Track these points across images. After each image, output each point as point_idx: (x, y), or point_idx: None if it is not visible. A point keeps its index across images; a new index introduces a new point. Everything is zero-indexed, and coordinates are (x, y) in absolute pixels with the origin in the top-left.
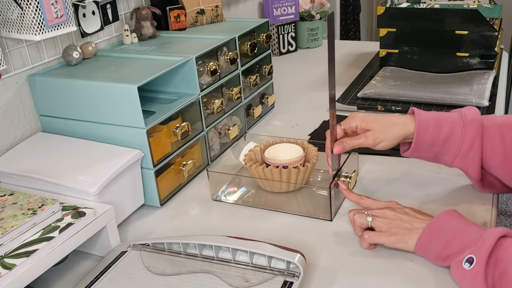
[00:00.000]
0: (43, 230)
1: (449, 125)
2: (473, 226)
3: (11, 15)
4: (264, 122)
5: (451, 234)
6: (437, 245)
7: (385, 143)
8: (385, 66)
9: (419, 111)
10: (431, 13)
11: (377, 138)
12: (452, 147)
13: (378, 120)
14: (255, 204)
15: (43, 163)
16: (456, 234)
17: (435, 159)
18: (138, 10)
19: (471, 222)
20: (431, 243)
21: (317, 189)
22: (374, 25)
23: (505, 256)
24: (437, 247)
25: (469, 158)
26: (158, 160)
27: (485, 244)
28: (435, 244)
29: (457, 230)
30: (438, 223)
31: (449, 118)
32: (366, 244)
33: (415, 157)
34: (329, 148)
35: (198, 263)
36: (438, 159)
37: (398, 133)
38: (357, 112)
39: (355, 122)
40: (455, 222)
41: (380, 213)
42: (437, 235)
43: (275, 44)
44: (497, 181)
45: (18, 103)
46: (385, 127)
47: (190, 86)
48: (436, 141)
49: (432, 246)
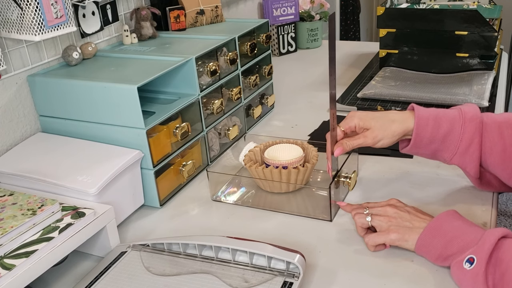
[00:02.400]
0: (42, 231)
1: (449, 122)
2: (473, 226)
3: (11, 16)
4: (263, 122)
5: (451, 234)
6: (438, 245)
7: (385, 140)
8: (385, 66)
9: (419, 107)
10: (431, 13)
11: (376, 136)
12: (451, 144)
13: (376, 118)
14: (255, 204)
15: (43, 164)
16: (457, 234)
17: (433, 155)
18: (138, 10)
19: (471, 223)
20: (431, 243)
21: (316, 190)
22: (374, 26)
23: (506, 257)
24: (438, 247)
25: (468, 156)
26: (158, 160)
27: (485, 245)
28: (435, 244)
29: (457, 230)
30: (439, 223)
31: (448, 115)
32: (370, 247)
33: (413, 154)
34: (329, 151)
35: (198, 263)
36: (437, 156)
37: (398, 130)
38: (354, 111)
39: (353, 121)
40: (455, 223)
41: (380, 211)
42: (437, 235)
43: (275, 44)
44: (495, 180)
45: (17, 103)
46: (384, 125)
47: (190, 86)
48: (435, 138)
49: (432, 246)
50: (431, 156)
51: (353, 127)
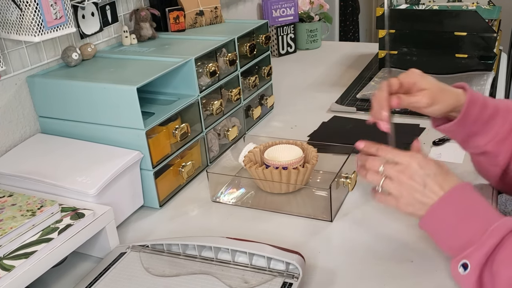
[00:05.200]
0: (42, 232)
1: (494, 107)
2: (482, 211)
3: (10, 16)
4: (263, 123)
5: (455, 220)
6: (441, 231)
7: (439, 106)
8: (384, 67)
9: (469, 87)
10: (430, 14)
11: (433, 98)
12: (492, 129)
13: (434, 82)
14: (255, 205)
15: (42, 164)
16: (462, 220)
17: (467, 139)
18: (137, 11)
19: (482, 205)
20: (435, 228)
21: (316, 190)
22: (373, 27)
23: (502, 265)
24: (441, 234)
25: (506, 145)
26: (157, 161)
27: (484, 248)
28: (438, 229)
29: (464, 215)
30: (445, 204)
31: (495, 101)
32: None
33: (450, 133)
34: (385, 100)
35: (197, 264)
36: (471, 140)
37: (450, 100)
38: (415, 69)
39: (413, 78)
40: (462, 205)
41: (402, 168)
42: (440, 221)
43: (274, 45)
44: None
45: (17, 104)
46: (441, 91)
47: (189, 87)
48: (480, 119)
49: (435, 230)
50: (465, 139)
51: (411, 82)
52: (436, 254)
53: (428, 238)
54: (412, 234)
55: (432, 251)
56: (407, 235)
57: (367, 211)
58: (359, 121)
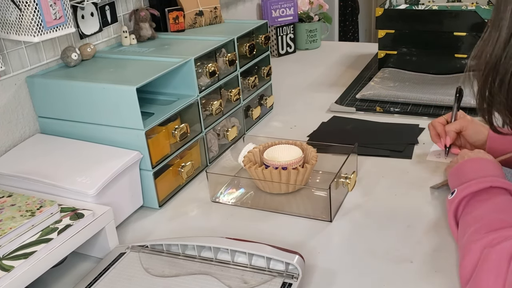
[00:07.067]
0: (41, 232)
1: None
2: (491, 173)
3: (10, 17)
4: (263, 123)
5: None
6: (454, 178)
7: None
8: (384, 67)
9: None
10: (430, 14)
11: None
12: None
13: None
14: (254, 205)
15: (42, 165)
16: (473, 171)
17: None
18: (137, 11)
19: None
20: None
21: (316, 190)
22: (373, 27)
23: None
24: (454, 180)
25: None
26: (156, 161)
27: (471, 187)
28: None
29: (478, 169)
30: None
31: None
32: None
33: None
34: (453, 131)
35: (197, 264)
36: None
37: None
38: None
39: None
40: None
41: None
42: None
43: (274, 45)
44: None
45: (16, 104)
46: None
47: (189, 87)
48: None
49: (453, 177)
50: None
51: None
52: (436, 255)
53: (428, 240)
54: (412, 235)
55: (432, 251)
56: (407, 236)
57: (366, 211)
58: (358, 121)
